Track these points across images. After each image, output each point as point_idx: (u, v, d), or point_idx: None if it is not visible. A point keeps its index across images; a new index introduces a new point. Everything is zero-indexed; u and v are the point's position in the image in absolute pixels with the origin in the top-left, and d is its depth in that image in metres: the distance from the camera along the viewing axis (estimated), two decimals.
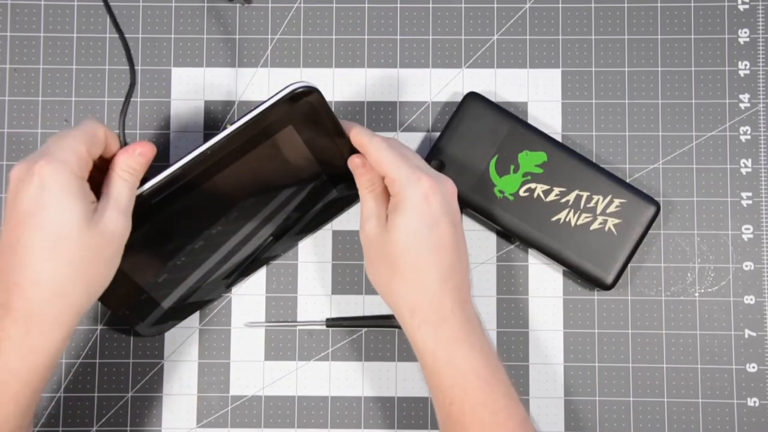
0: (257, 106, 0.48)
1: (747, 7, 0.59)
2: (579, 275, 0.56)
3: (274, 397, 0.57)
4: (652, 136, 0.58)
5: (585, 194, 0.56)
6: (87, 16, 0.60)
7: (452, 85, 0.59)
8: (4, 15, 0.60)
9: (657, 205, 0.55)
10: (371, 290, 0.58)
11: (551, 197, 0.56)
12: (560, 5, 0.59)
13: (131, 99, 0.59)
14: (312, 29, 0.60)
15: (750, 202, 0.58)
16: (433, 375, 0.48)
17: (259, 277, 0.58)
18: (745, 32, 0.59)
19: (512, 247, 0.58)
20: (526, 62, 0.59)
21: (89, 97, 0.59)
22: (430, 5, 0.60)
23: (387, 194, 0.51)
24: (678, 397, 0.57)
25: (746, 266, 0.58)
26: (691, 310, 0.57)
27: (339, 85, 0.59)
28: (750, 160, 0.58)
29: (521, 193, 0.56)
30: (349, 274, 0.58)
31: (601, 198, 0.55)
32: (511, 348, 0.57)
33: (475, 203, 0.56)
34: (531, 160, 0.56)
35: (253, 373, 0.57)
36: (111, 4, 0.60)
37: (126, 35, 0.59)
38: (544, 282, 0.58)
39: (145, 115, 0.59)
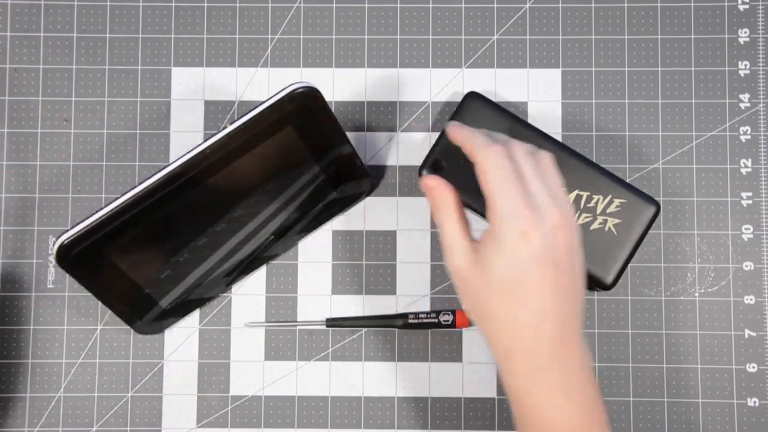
0: (257, 106, 0.48)
1: (747, 7, 0.59)
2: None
3: (274, 397, 0.57)
4: (652, 136, 0.58)
5: (585, 194, 0.56)
6: (87, 16, 0.60)
7: (452, 85, 0.59)
8: (4, 15, 0.60)
9: (657, 205, 0.55)
10: (371, 290, 0.58)
11: None
12: (560, 5, 0.59)
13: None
14: (312, 29, 0.60)
15: (750, 202, 0.58)
16: (523, 424, 0.45)
17: (259, 276, 0.58)
18: (745, 32, 0.59)
19: None
20: (526, 62, 0.59)
21: (89, 97, 0.59)
22: (430, 5, 0.60)
23: (465, 219, 0.48)
24: (678, 397, 0.57)
25: (746, 266, 0.58)
26: (691, 310, 0.57)
27: (339, 85, 0.59)
28: (750, 160, 0.58)
29: None
30: (349, 274, 0.58)
31: (601, 198, 0.55)
32: None
33: (474, 203, 0.56)
34: None
35: (253, 373, 0.57)
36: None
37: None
38: None
39: (145, 115, 0.59)
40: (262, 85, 0.59)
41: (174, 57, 0.60)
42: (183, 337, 0.58)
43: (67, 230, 0.48)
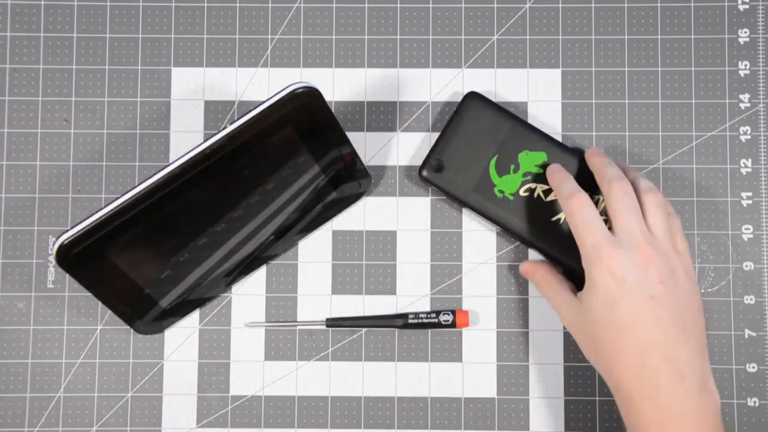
0: (257, 106, 0.48)
1: (747, 7, 0.59)
2: (580, 276, 0.56)
3: (274, 397, 0.57)
4: (652, 136, 0.58)
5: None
6: (87, 16, 0.60)
7: (452, 85, 0.59)
8: (4, 15, 0.60)
9: None
10: (371, 290, 0.58)
11: (551, 197, 0.56)
12: (560, 5, 0.59)
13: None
14: (312, 29, 0.60)
15: (750, 202, 0.58)
16: None
17: (259, 276, 0.58)
18: (745, 32, 0.59)
19: (512, 247, 0.58)
20: (526, 62, 0.59)
21: (89, 97, 0.59)
22: (430, 5, 0.60)
23: (563, 280, 0.53)
24: None
25: (746, 266, 0.58)
26: None
27: (339, 85, 0.59)
28: (750, 160, 0.58)
29: (521, 192, 0.56)
30: (349, 274, 0.58)
31: (601, 198, 0.55)
32: (511, 348, 0.57)
33: (474, 203, 0.56)
34: (531, 159, 0.56)
35: (253, 373, 0.57)
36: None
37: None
38: None
39: (145, 115, 0.59)
40: (262, 85, 0.59)
41: (174, 57, 0.60)
42: (183, 337, 0.58)
43: (67, 230, 0.48)
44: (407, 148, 0.59)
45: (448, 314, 0.56)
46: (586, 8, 0.59)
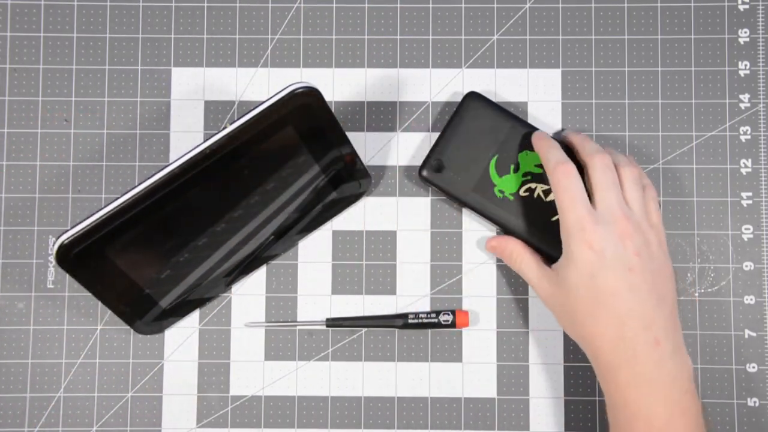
0: (257, 106, 0.48)
1: (747, 7, 0.59)
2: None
3: (274, 397, 0.57)
4: (652, 136, 0.58)
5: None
6: (87, 16, 0.60)
7: (452, 85, 0.59)
8: (4, 15, 0.60)
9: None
10: (371, 290, 0.58)
11: (551, 197, 0.56)
12: (560, 5, 0.59)
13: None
14: (312, 29, 0.60)
15: (750, 202, 0.58)
16: (611, 413, 0.49)
17: (259, 277, 0.58)
18: (745, 32, 0.59)
19: None
20: (526, 62, 0.59)
21: (89, 97, 0.59)
22: (430, 5, 0.60)
23: (536, 254, 0.54)
24: None
25: (746, 266, 0.58)
26: (691, 310, 0.57)
27: (339, 85, 0.59)
28: (750, 160, 0.58)
29: (521, 192, 0.56)
30: (349, 274, 0.58)
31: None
32: (511, 348, 0.57)
33: (474, 203, 0.56)
34: (531, 159, 0.56)
35: (253, 373, 0.57)
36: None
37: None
38: None
39: (145, 115, 0.59)
40: (262, 85, 0.59)
41: (174, 57, 0.60)
42: (183, 337, 0.58)
43: (67, 230, 0.48)
44: (407, 148, 0.59)
45: (448, 314, 0.56)
46: (586, 8, 0.59)
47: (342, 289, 0.58)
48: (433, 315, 0.56)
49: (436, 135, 0.58)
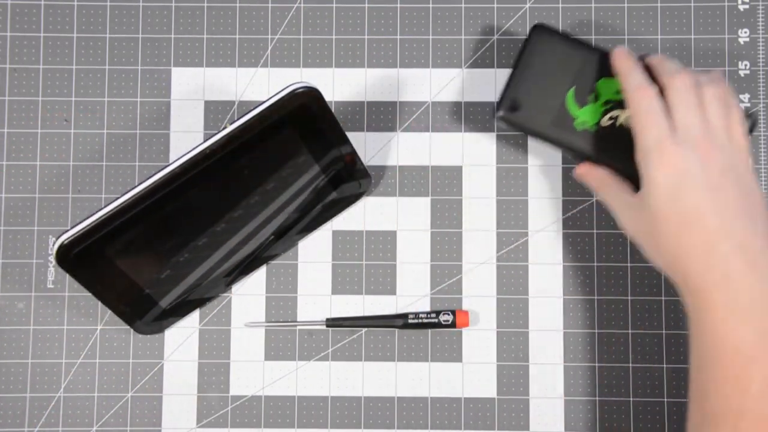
0: (257, 106, 0.48)
1: (747, 7, 0.59)
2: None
3: (274, 397, 0.57)
4: None
5: None
6: (87, 16, 0.60)
7: (452, 85, 0.59)
8: (4, 15, 0.60)
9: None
10: (371, 290, 0.58)
11: None
12: (560, 5, 0.59)
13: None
14: (312, 29, 0.60)
15: None
16: (695, 341, 0.46)
17: (259, 276, 0.58)
18: (745, 32, 0.59)
19: (512, 247, 0.58)
20: None
21: (89, 97, 0.59)
22: (430, 5, 0.60)
23: (621, 182, 0.51)
24: (678, 397, 0.57)
25: None
26: None
27: (339, 85, 0.59)
28: (750, 159, 0.58)
29: (603, 122, 0.53)
30: (349, 274, 0.58)
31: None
32: (511, 348, 0.57)
33: (555, 138, 0.54)
34: (611, 86, 0.53)
35: (253, 373, 0.57)
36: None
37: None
38: (544, 282, 0.58)
39: (145, 115, 0.59)
40: (262, 85, 0.59)
41: (174, 57, 0.60)
42: (183, 337, 0.58)
43: (67, 230, 0.48)
44: (407, 148, 0.59)
45: (448, 314, 0.56)
46: (586, 8, 0.59)
47: (342, 289, 0.58)
48: (433, 315, 0.56)
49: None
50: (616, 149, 0.53)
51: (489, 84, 0.59)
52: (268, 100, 0.48)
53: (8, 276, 0.58)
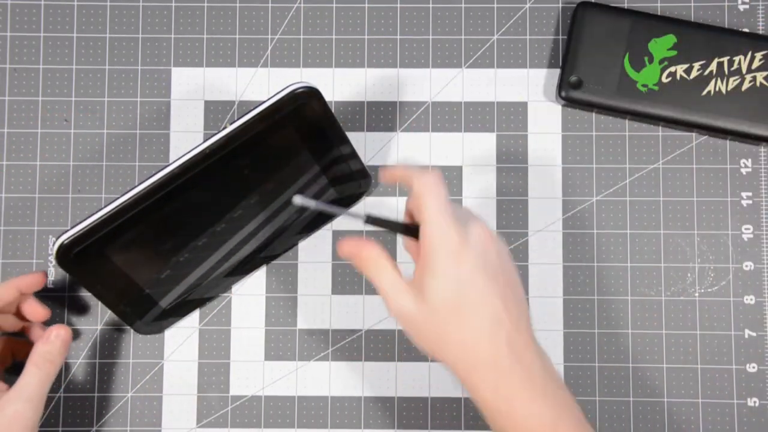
0: (256, 106, 0.48)
1: (747, 7, 0.59)
2: (745, 140, 0.57)
3: (274, 397, 0.57)
4: (652, 136, 0.58)
5: (725, 59, 0.56)
6: (87, 16, 0.60)
7: (452, 85, 0.59)
8: (4, 15, 0.60)
9: None
10: (371, 290, 0.58)
11: (694, 74, 0.56)
12: (560, 5, 0.59)
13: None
14: (312, 29, 0.60)
15: (750, 202, 0.58)
16: (496, 427, 0.46)
17: (259, 276, 0.58)
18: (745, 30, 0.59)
19: (512, 246, 0.58)
20: (526, 62, 0.59)
21: (89, 97, 0.59)
22: (430, 5, 0.60)
23: (395, 265, 0.47)
24: (678, 397, 0.57)
25: (746, 266, 0.58)
26: (691, 310, 0.57)
27: (339, 85, 0.59)
28: (750, 160, 0.58)
29: (664, 80, 0.56)
30: (349, 274, 0.58)
31: (741, 57, 0.56)
32: None
33: (623, 106, 0.57)
34: (662, 45, 0.56)
35: (253, 373, 0.57)
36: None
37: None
38: (544, 282, 0.58)
39: (145, 115, 0.59)
40: (262, 85, 0.59)
41: (174, 57, 0.60)
42: (183, 337, 0.58)
43: (67, 230, 0.48)
44: (407, 148, 0.59)
45: None
46: None
47: (342, 289, 0.58)
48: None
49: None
50: (683, 101, 0.56)
51: (489, 84, 0.59)
52: (268, 100, 0.48)
53: (8, 276, 0.58)
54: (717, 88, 0.56)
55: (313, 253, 0.58)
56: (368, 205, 0.58)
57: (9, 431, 0.48)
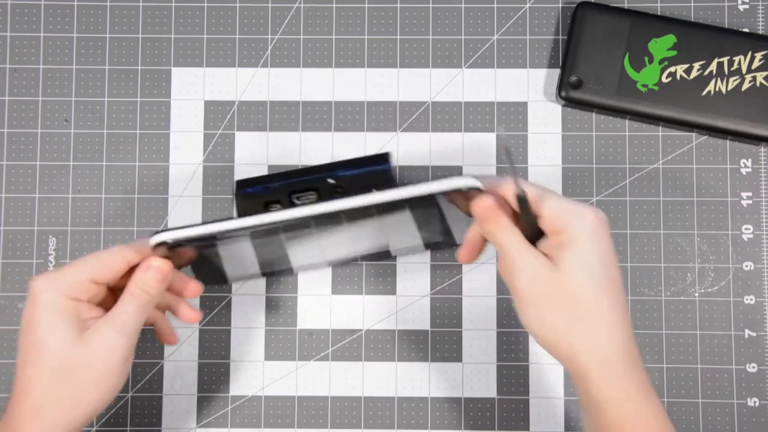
0: (411, 185, 0.45)
1: (747, 7, 0.59)
2: (744, 140, 0.57)
3: (274, 397, 0.57)
4: (652, 136, 0.58)
5: (725, 59, 0.56)
6: (87, 16, 0.60)
7: (452, 85, 0.59)
8: (4, 15, 0.60)
9: None
10: (371, 290, 0.58)
11: (694, 74, 0.56)
12: (560, 5, 0.59)
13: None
14: (312, 29, 0.60)
15: (750, 202, 0.58)
16: (617, 428, 0.43)
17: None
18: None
19: None
20: (526, 62, 0.59)
21: (89, 97, 0.59)
22: (430, 5, 0.60)
23: (522, 232, 0.45)
24: (678, 397, 0.57)
25: (746, 266, 0.58)
26: (691, 310, 0.57)
27: (339, 85, 0.59)
28: (750, 160, 0.58)
29: (664, 80, 0.56)
30: (348, 274, 0.58)
31: (741, 57, 0.56)
32: (511, 348, 0.57)
33: (623, 106, 0.57)
34: (662, 45, 0.56)
35: (253, 373, 0.57)
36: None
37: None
38: None
39: (145, 115, 0.59)
40: (262, 85, 0.59)
41: (174, 57, 0.60)
42: (183, 337, 0.58)
43: (168, 229, 0.46)
44: (407, 148, 0.59)
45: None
46: None
47: (342, 289, 0.58)
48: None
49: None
50: (684, 103, 0.56)
51: (489, 84, 0.59)
52: (426, 184, 0.44)
53: (8, 276, 0.58)
54: (717, 88, 0.56)
55: None
56: None
57: (95, 360, 0.44)
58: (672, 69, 0.56)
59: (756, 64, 0.56)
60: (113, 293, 0.48)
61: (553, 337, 0.44)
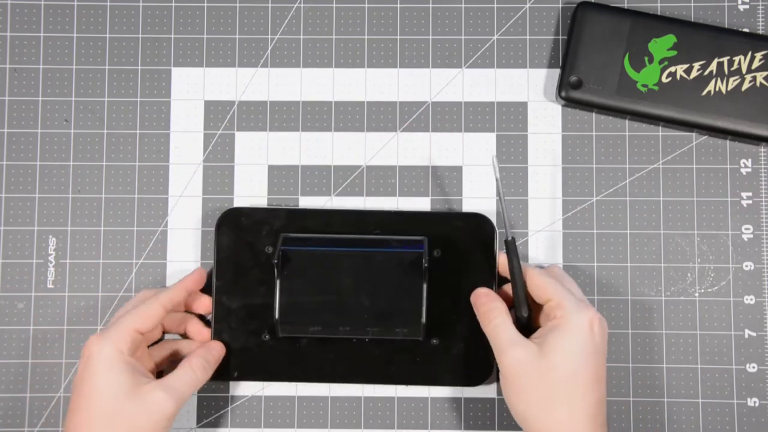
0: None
1: (747, 7, 0.59)
2: (744, 140, 0.57)
3: (274, 397, 0.57)
4: (652, 136, 0.58)
5: (725, 59, 0.56)
6: (87, 16, 0.60)
7: (452, 85, 0.59)
8: (4, 15, 0.60)
9: None
10: None
11: (694, 74, 0.56)
12: (560, 5, 0.59)
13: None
14: (312, 29, 0.60)
15: (750, 202, 0.58)
16: None
17: None
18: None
19: None
20: (526, 62, 0.59)
21: (89, 97, 0.59)
22: (430, 5, 0.60)
23: (511, 317, 0.51)
24: (678, 397, 0.57)
25: (746, 266, 0.58)
26: (691, 310, 0.57)
27: (339, 85, 0.59)
28: (750, 160, 0.58)
29: (664, 80, 0.56)
30: None
31: (741, 57, 0.56)
32: None
33: (623, 106, 0.57)
34: (662, 45, 0.56)
35: None
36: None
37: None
38: None
39: (145, 115, 0.59)
40: (262, 85, 0.59)
41: (174, 57, 0.60)
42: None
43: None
44: (407, 148, 0.59)
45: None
46: None
47: None
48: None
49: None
50: (684, 103, 0.56)
51: (489, 84, 0.59)
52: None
53: (8, 276, 0.58)
54: (717, 88, 0.56)
55: None
56: (369, 204, 0.58)
57: (146, 419, 0.48)
58: (672, 69, 0.56)
59: (756, 64, 0.56)
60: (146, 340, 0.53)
61: (532, 414, 0.48)
